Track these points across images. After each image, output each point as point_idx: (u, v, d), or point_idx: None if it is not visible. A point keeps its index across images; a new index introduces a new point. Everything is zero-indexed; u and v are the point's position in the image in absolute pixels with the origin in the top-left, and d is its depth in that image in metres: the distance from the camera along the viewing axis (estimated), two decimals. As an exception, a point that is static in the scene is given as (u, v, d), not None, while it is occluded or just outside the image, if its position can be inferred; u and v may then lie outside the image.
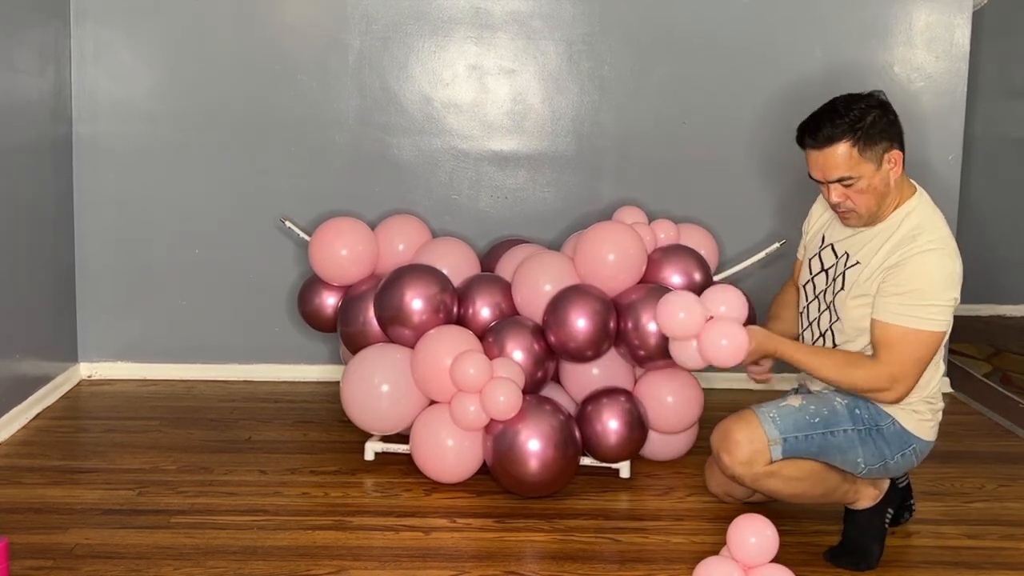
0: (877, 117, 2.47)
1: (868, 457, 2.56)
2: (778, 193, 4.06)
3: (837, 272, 2.62)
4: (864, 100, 2.51)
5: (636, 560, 2.62)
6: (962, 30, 4.00)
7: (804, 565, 2.60)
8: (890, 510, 2.69)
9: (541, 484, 2.90)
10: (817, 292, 2.69)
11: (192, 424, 3.55)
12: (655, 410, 3.12)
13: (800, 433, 2.51)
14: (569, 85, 3.98)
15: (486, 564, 2.58)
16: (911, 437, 2.58)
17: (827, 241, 2.69)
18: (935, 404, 2.63)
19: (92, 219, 3.97)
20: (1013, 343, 4.96)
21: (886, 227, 2.53)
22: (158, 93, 3.94)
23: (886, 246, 2.50)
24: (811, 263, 2.73)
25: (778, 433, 2.50)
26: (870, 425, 2.55)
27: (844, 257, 2.60)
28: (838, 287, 2.60)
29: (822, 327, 2.65)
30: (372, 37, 3.94)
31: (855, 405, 2.57)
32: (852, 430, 2.54)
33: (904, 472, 2.69)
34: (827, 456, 2.55)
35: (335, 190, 3.96)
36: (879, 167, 2.48)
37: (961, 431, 3.70)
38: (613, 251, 3.11)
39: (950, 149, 4.05)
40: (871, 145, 2.46)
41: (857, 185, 2.48)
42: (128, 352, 4.05)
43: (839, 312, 2.58)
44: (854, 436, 2.54)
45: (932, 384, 2.60)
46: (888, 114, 2.51)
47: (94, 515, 2.80)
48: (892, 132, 2.50)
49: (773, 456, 2.50)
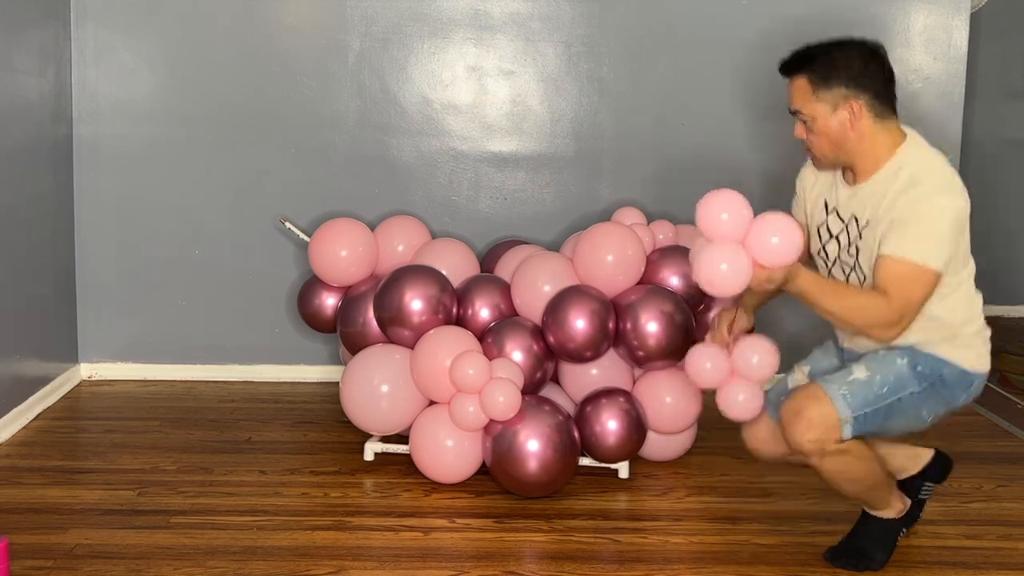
0: (847, 61, 2.41)
1: (932, 408, 2.51)
2: (777, 194, 4.06)
3: (852, 238, 2.52)
4: (849, 44, 2.45)
5: (635, 560, 2.63)
6: (960, 31, 4.02)
7: (803, 565, 2.61)
8: (905, 528, 2.69)
9: (540, 484, 2.91)
10: (831, 260, 2.61)
11: (192, 424, 3.56)
12: (654, 411, 3.13)
13: (869, 408, 2.44)
14: (568, 86, 3.99)
15: (485, 564, 2.58)
16: (971, 375, 2.53)
17: (830, 206, 2.60)
18: (985, 331, 2.59)
19: (92, 220, 3.97)
20: (1011, 344, 4.96)
21: (882, 179, 2.45)
22: (158, 94, 3.95)
23: (887, 198, 2.42)
24: (820, 232, 2.64)
25: (849, 412, 2.41)
26: (933, 379, 2.49)
27: (852, 221, 2.51)
28: (856, 253, 2.51)
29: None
30: (372, 38, 3.95)
31: (915, 360, 2.48)
32: (918, 391, 2.48)
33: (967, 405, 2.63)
34: (893, 420, 2.48)
35: (335, 191, 3.97)
36: (834, 111, 2.42)
37: (959, 432, 3.70)
38: (612, 252, 3.12)
39: (948, 150, 3.95)
40: (827, 86, 2.40)
41: (814, 126, 2.44)
42: (128, 353, 4.06)
43: (867, 272, 2.50)
44: (919, 396, 2.48)
45: (980, 314, 2.58)
46: (866, 63, 2.43)
47: (94, 515, 2.80)
48: (860, 81, 2.42)
49: (844, 435, 2.42)
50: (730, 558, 2.64)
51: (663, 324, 3.05)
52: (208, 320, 4.06)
